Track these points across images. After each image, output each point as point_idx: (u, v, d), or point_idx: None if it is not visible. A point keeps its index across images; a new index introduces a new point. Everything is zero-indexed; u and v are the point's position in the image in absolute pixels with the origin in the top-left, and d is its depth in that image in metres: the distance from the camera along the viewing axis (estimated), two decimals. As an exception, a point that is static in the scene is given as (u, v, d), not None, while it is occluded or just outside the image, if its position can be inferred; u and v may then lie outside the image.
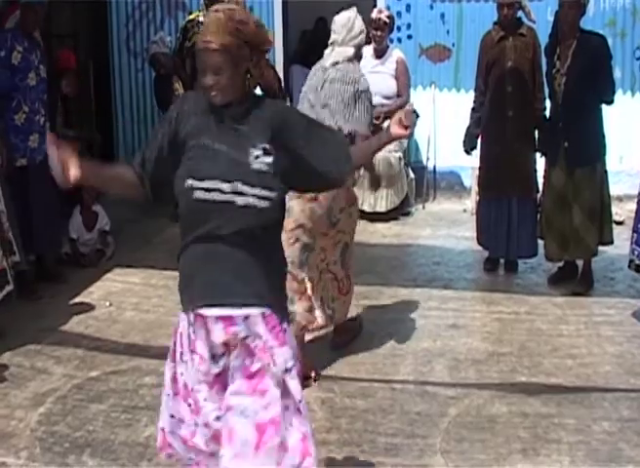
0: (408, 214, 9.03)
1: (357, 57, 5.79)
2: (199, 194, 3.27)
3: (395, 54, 9.16)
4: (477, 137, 7.42)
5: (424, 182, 9.75)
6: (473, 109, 7.42)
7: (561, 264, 7.22)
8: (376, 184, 6.15)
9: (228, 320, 3.28)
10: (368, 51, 9.16)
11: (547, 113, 7.17)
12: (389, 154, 8.71)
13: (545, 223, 7.08)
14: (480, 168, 7.51)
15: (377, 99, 8.93)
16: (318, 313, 5.69)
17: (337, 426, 5.00)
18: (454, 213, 8.68)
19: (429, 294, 7.03)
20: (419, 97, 9.67)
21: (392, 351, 5.99)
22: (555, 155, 6.89)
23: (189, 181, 3.28)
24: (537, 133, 7.20)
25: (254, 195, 3.27)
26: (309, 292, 5.61)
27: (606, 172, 6.93)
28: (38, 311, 6.75)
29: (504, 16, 7.12)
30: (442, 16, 9.90)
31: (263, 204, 3.27)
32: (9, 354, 6.02)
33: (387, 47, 9.21)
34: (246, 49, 3.27)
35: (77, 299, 7.03)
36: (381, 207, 8.78)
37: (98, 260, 7.82)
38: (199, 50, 3.29)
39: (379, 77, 9.08)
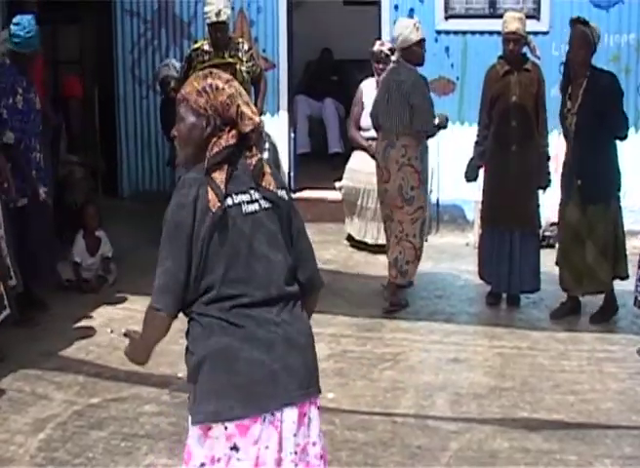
0: (410, 246, 9.02)
1: (404, 58, 7.27)
2: None
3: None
4: (479, 168, 7.45)
5: (427, 215, 9.73)
6: (477, 143, 7.45)
7: (564, 300, 7.22)
8: None
9: None
10: (371, 83, 9.19)
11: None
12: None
13: (562, 255, 7.10)
14: (483, 201, 7.52)
15: (380, 132, 9.06)
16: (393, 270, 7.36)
17: (337, 459, 4.97)
18: (456, 246, 8.69)
19: (431, 328, 7.02)
20: (422, 130, 9.68)
21: (393, 384, 5.98)
22: (569, 192, 6.93)
23: None
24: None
25: None
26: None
27: (620, 207, 6.97)
28: (39, 336, 6.73)
29: (510, 51, 7.16)
30: (446, 49, 9.93)
31: None
32: (9, 379, 6.01)
33: (391, 79, 9.21)
34: (208, 115, 3.17)
35: (78, 325, 7.01)
36: (384, 239, 8.74)
37: (99, 287, 7.79)
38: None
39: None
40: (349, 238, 9.06)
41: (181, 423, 5.32)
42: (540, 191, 7.33)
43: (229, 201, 3.09)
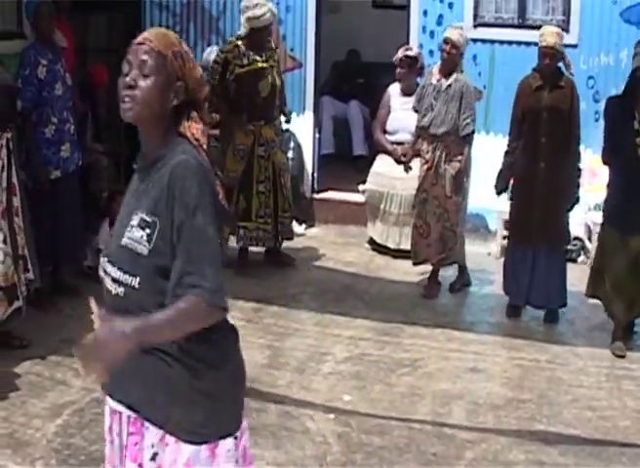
0: (432, 253, 8.98)
1: None
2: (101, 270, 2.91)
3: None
4: (509, 180, 7.41)
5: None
6: (507, 153, 7.38)
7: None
8: None
9: None
10: (395, 88, 9.20)
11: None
12: (414, 192, 8.66)
13: (614, 285, 6.76)
14: (510, 214, 7.49)
15: (405, 136, 9.05)
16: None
17: (352, 461, 5.01)
18: (478, 255, 8.66)
19: (450, 336, 6.98)
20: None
21: (411, 390, 5.98)
22: (627, 219, 6.62)
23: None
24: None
25: (111, 277, 2.82)
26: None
27: None
28: (60, 322, 6.74)
29: (546, 65, 7.07)
30: (474, 57, 9.88)
31: (118, 290, 2.79)
32: (29, 363, 6.06)
33: (417, 85, 9.21)
34: (178, 84, 2.81)
35: (99, 313, 6.99)
36: (406, 244, 8.71)
37: (120, 276, 7.77)
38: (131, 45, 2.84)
39: (407, 114, 9.08)
40: (371, 241, 9.03)
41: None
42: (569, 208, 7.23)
43: None
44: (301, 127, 9.92)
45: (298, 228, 9.33)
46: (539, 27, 8.73)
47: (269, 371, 6.17)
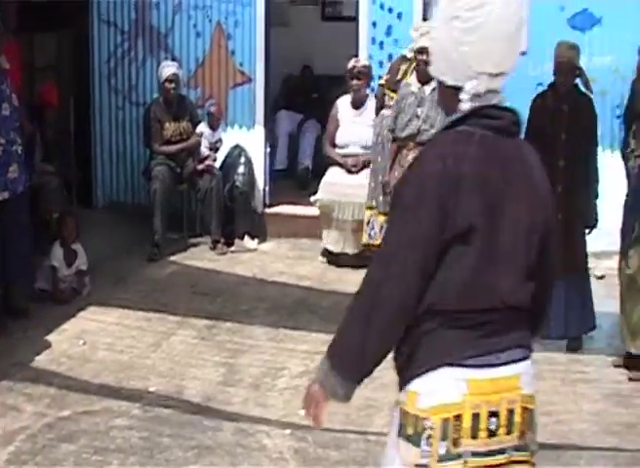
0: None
1: None
2: None
3: (373, 103, 9.16)
4: None
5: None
6: None
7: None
8: None
9: None
10: (346, 100, 9.20)
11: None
12: (365, 200, 8.65)
13: (620, 308, 6.49)
14: None
15: (355, 149, 9.08)
16: None
17: (310, 476, 4.97)
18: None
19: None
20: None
21: (367, 402, 5.91)
22: (628, 237, 6.39)
23: None
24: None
25: None
26: None
27: None
28: (10, 346, 6.65)
29: (563, 81, 6.80)
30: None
31: None
32: (-21, 390, 5.95)
33: (366, 96, 9.23)
34: None
35: (50, 336, 6.92)
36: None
37: (72, 298, 7.69)
38: None
39: (357, 128, 9.11)
40: (325, 253, 9.00)
41: (153, 438, 5.33)
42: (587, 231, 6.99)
43: None
44: (252, 142, 9.90)
45: (250, 243, 9.31)
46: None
47: (224, 389, 6.12)
